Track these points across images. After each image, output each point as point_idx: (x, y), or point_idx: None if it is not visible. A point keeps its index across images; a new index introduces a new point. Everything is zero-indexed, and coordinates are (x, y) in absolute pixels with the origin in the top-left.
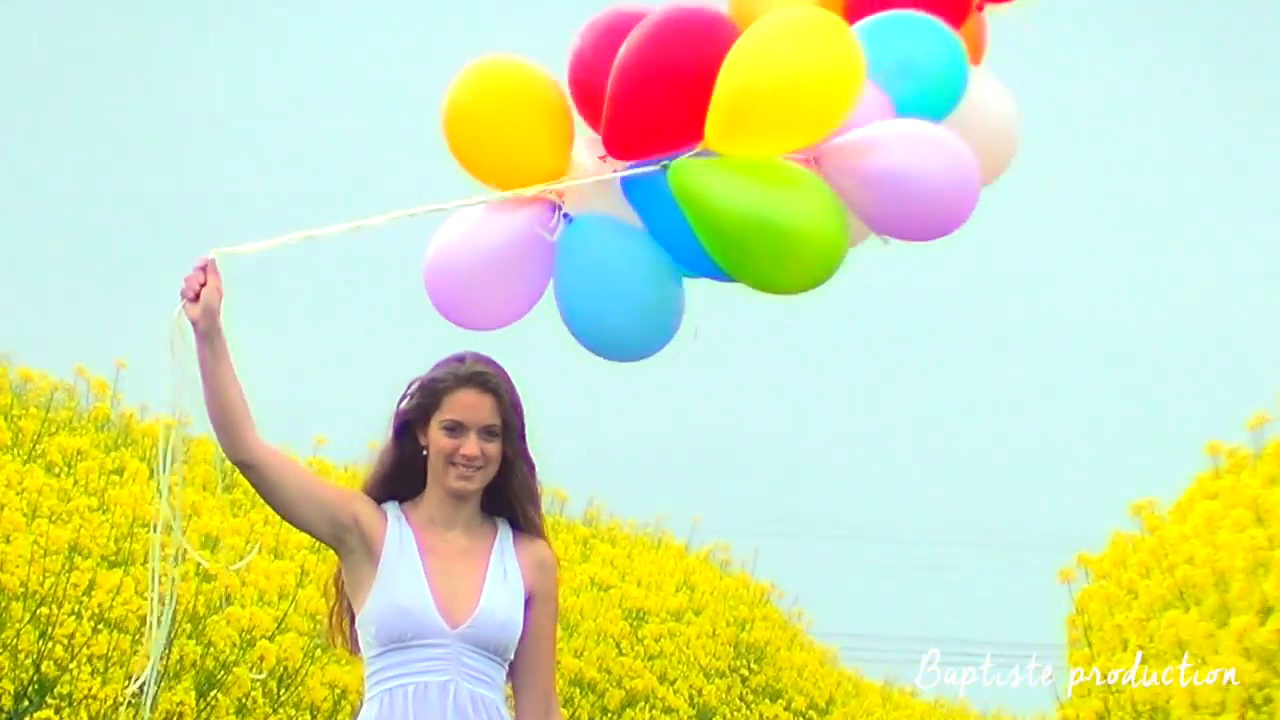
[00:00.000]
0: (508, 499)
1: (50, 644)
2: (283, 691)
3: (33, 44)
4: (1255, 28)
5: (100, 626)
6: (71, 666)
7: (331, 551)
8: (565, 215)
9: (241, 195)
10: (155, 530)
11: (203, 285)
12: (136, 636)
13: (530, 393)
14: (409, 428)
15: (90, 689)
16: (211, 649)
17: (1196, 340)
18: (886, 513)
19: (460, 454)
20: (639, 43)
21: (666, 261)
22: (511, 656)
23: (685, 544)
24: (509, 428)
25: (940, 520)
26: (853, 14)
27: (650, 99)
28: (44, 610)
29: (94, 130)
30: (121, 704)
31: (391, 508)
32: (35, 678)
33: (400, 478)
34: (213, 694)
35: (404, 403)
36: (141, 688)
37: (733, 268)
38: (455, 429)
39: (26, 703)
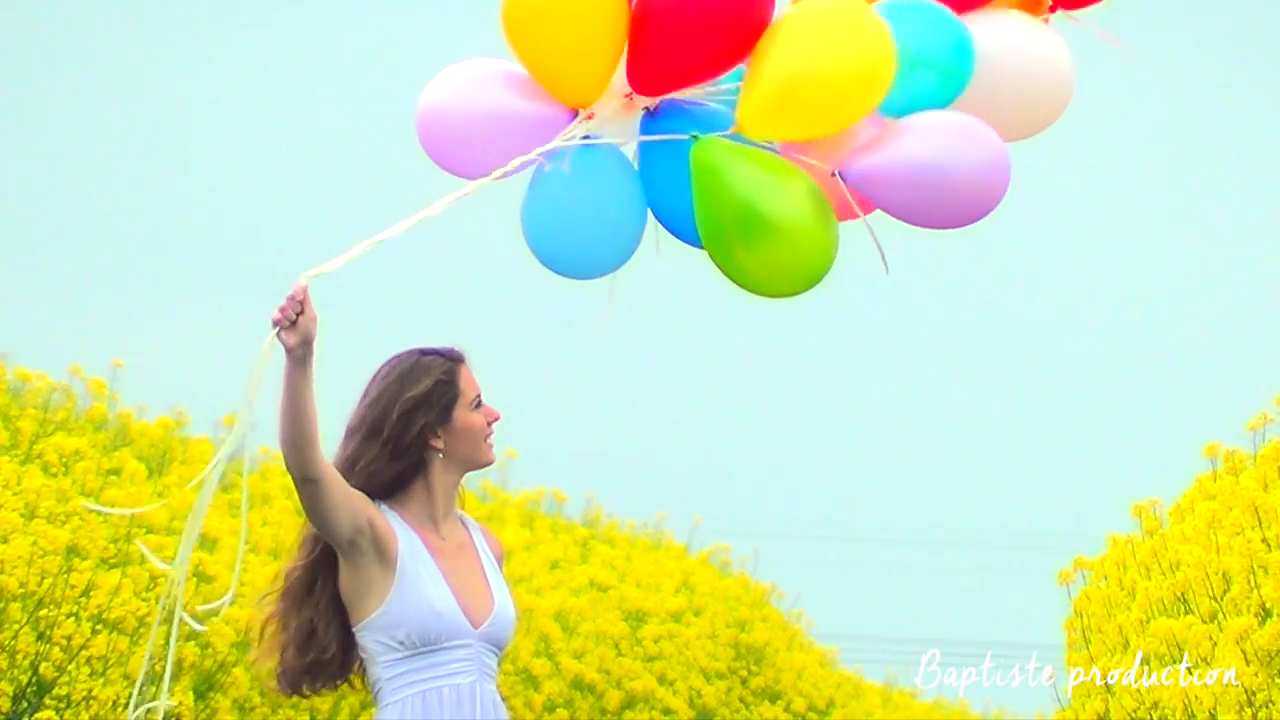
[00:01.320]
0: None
1: (48, 645)
2: None
3: (32, 45)
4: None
5: (99, 628)
6: (70, 668)
7: None
8: (586, 136)
9: (239, 198)
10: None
11: (299, 314)
12: (135, 637)
13: (530, 394)
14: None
15: (90, 690)
16: (210, 650)
17: (1196, 341)
18: (887, 514)
19: (491, 422)
20: None
21: (640, 204)
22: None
23: (685, 545)
24: None
25: (940, 521)
26: None
27: (676, 35)
28: (42, 611)
29: (92, 131)
30: (121, 705)
31: (385, 509)
32: (34, 679)
33: (395, 484)
34: (211, 695)
35: (421, 410)
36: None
37: (721, 256)
38: (480, 403)
39: (25, 704)
